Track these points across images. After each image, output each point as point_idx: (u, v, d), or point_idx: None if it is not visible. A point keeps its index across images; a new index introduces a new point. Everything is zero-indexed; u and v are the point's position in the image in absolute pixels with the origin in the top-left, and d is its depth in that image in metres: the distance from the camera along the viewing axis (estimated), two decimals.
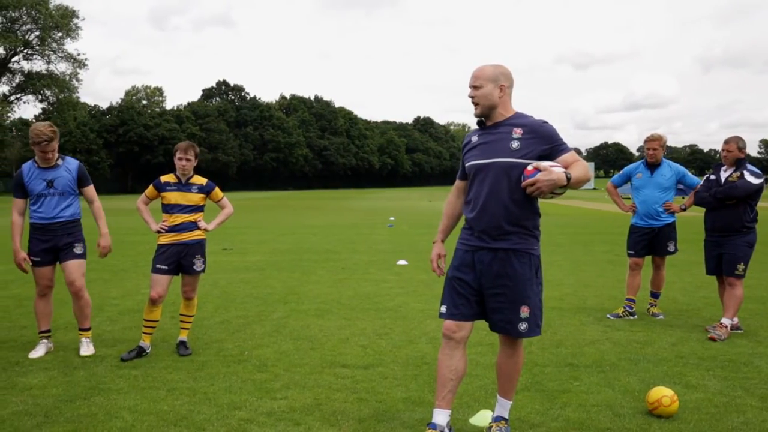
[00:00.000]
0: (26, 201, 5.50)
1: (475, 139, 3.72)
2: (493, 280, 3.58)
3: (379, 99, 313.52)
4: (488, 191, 3.56)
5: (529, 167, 3.43)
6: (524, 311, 3.59)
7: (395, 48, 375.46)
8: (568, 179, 3.34)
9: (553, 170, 3.35)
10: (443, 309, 3.72)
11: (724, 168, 6.53)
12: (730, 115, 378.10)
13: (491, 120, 3.65)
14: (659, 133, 7.17)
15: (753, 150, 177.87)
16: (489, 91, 3.57)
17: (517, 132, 3.55)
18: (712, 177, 6.60)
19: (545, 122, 3.60)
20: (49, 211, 5.44)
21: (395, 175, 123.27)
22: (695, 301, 8.03)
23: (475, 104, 3.62)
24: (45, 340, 5.61)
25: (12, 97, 68.16)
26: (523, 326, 3.61)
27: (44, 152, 5.37)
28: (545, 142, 3.53)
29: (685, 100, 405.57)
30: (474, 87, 3.60)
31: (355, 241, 16.31)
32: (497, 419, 3.84)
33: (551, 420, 4.08)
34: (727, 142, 6.48)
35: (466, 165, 3.72)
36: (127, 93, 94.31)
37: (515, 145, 3.53)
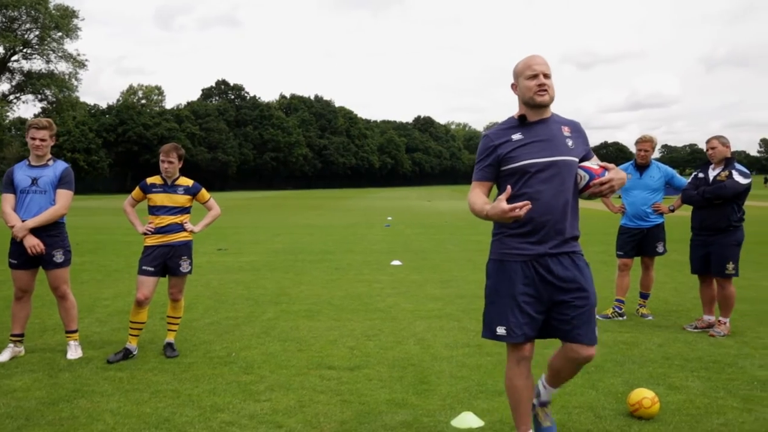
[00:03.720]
0: (16, 198, 5.39)
1: (518, 136, 3.37)
2: (565, 287, 3.35)
3: (380, 98, 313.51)
4: (556, 191, 3.32)
5: (595, 166, 3.38)
6: (595, 314, 3.50)
7: (398, 47, 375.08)
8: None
9: (620, 170, 3.35)
10: (502, 330, 3.35)
11: (712, 166, 6.53)
12: (733, 115, 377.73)
13: (538, 116, 3.41)
14: (651, 135, 7.18)
15: (753, 149, 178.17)
16: (553, 84, 3.41)
17: (566, 130, 3.44)
18: (700, 175, 6.58)
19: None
20: (32, 210, 5.35)
21: (395, 174, 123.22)
22: (685, 302, 8.03)
23: (544, 91, 3.34)
24: (12, 345, 5.53)
25: (11, 97, 68.16)
26: (597, 331, 3.46)
27: (33, 138, 5.34)
28: (584, 143, 3.51)
29: (687, 99, 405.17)
30: (545, 75, 3.36)
31: (351, 241, 16.32)
32: (543, 404, 3.78)
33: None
34: (708, 141, 6.53)
35: (517, 164, 3.33)
36: (124, 93, 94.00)
37: (570, 143, 3.41)
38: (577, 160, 3.40)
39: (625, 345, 5.94)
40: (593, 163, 3.40)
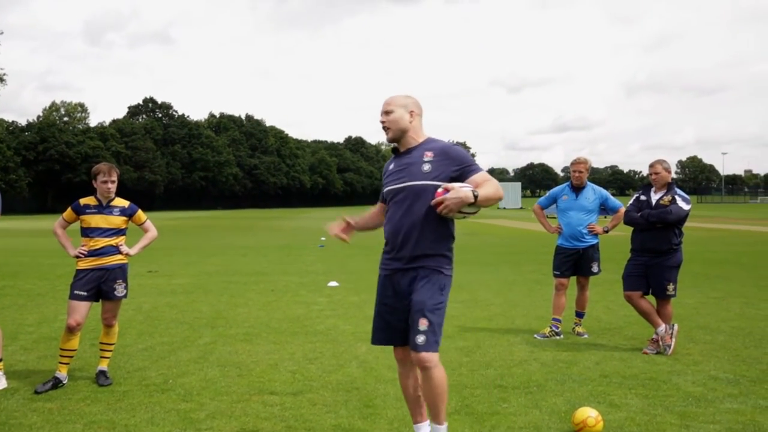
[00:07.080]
0: None
1: (392, 166, 3.86)
2: (405, 298, 3.68)
3: (312, 118, 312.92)
4: (403, 214, 3.69)
5: (439, 189, 3.56)
6: (423, 323, 3.57)
7: (330, 68, 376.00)
8: (476, 197, 3.47)
9: (460, 189, 3.48)
10: (372, 337, 3.89)
11: (653, 189, 6.66)
12: (651, 138, 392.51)
13: (404, 146, 3.81)
14: (585, 156, 7.40)
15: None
16: (399, 116, 3.74)
17: (428, 155, 3.71)
18: (642, 197, 6.70)
19: (455, 145, 3.79)
20: None
21: (326, 194, 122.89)
22: (618, 320, 8.26)
23: (387, 129, 3.78)
24: None
25: None
26: (420, 339, 3.56)
27: None
28: (455, 164, 3.68)
29: (609, 122, 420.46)
30: (385, 113, 3.77)
31: (286, 262, 16.12)
32: None
33: None
34: (652, 165, 6.62)
35: (384, 191, 3.88)
36: (46, 110, 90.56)
37: (426, 167, 3.67)
38: (430, 183, 3.63)
39: (564, 364, 6.05)
40: (443, 186, 3.57)
